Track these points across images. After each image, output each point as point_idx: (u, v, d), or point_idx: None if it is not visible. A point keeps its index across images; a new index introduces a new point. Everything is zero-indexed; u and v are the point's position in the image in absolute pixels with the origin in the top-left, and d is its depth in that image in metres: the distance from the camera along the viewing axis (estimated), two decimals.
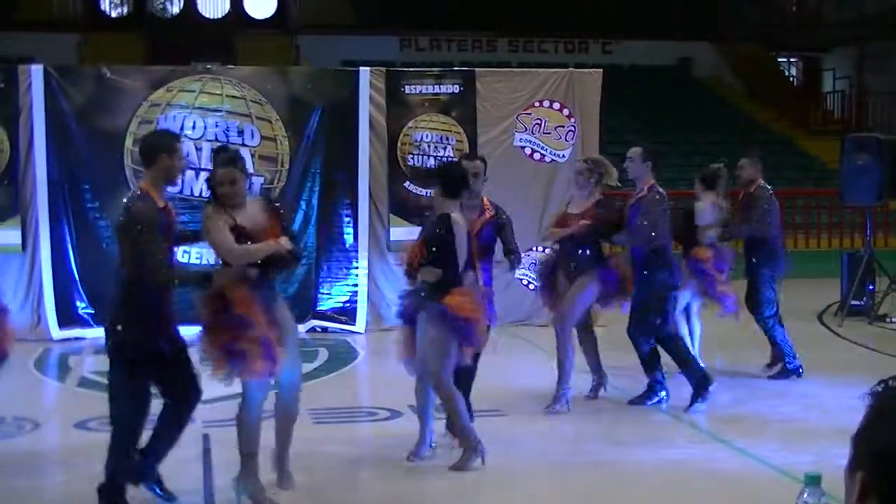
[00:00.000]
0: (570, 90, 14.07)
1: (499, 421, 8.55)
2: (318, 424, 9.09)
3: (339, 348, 12.70)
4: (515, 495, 7.34)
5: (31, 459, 7.90)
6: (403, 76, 14.20)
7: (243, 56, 27.90)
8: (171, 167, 6.96)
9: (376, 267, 13.76)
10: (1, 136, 13.03)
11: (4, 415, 8.35)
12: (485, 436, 7.88)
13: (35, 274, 13.07)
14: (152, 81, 13.49)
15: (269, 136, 13.53)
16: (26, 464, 7.83)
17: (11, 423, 8.28)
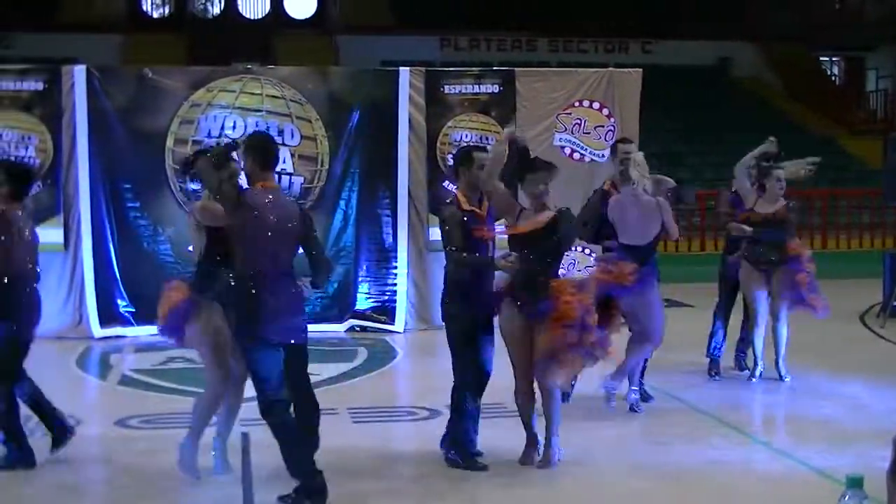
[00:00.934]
0: (609, 90, 14.04)
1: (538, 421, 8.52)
2: (357, 423, 9.11)
3: (378, 348, 12.72)
4: (554, 495, 7.32)
5: (73, 456, 7.95)
6: (443, 76, 14.21)
7: (283, 56, 28.01)
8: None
9: (415, 266, 13.77)
10: (44, 136, 13.14)
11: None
12: (522, 436, 7.87)
13: (77, 273, 13.18)
14: (193, 82, 13.56)
15: (309, 135, 13.57)
16: (69, 460, 7.88)
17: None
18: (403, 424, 9.37)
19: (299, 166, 13.53)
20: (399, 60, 18.42)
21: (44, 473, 7.63)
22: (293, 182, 13.52)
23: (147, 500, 6.94)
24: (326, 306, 13.76)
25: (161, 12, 33.51)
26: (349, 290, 13.82)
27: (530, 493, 7.32)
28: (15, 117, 13.14)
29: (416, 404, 9.48)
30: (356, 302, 13.84)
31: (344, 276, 13.79)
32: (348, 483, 7.36)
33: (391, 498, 7.23)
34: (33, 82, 13.29)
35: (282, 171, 13.40)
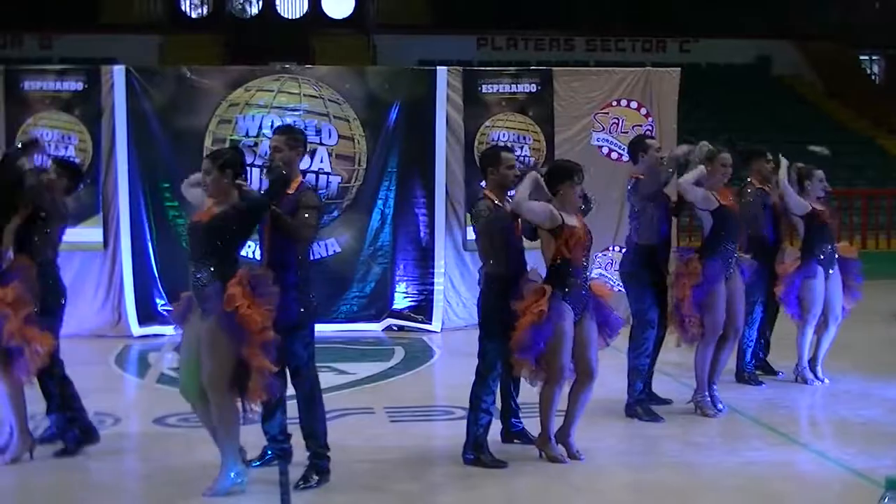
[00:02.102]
0: (647, 89, 13.99)
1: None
2: (394, 423, 9.12)
3: (415, 347, 12.73)
4: (592, 495, 7.30)
5: (112, 454, 8.00)
6: (480, 75, 14.20)
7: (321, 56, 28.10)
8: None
9: (453, 266, 13.78)
10: (84, 136, 13.23)
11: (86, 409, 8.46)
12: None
13: (116, 272, 13.25)
14: (231, 81, 13.62)
15: (347, 135, 13.60)
16: (107, 458, 7.93)
17: (93, 418, 8.37)
18: (440, 424, 9.37)
19: (337, 166, 13.56)
20: (436, 60, 18.45)
21: (81, 470, 7.68)
22: (330, 181, 13.55)
23: (184, 499, 6.96)
24: (364, 306, 13.79)
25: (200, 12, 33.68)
26: (386, 289, 13.84)
27: (567, 489, 7.30)
28: (56, 117, 13.24)
29: (453, 404, 9.46)
30: (393, 301, 13.86)
31: (381, 275, 13.82)
32: (385, 482, 7.37)
33: (428, 497, 7.23)
34: (73, 82, 13.38)
35: (319, 170, 13.45)
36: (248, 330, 6.70)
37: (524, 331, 7.50)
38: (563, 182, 7.82)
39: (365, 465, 7.74)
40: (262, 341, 6.74)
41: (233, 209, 6.91)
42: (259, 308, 6.74)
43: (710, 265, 9.02)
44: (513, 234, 7.81)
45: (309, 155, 13.37)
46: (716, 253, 9.07)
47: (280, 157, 7.25)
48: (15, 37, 30.03)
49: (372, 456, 7.97)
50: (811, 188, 10.24)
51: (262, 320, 6.73)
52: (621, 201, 13.71)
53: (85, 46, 28.27)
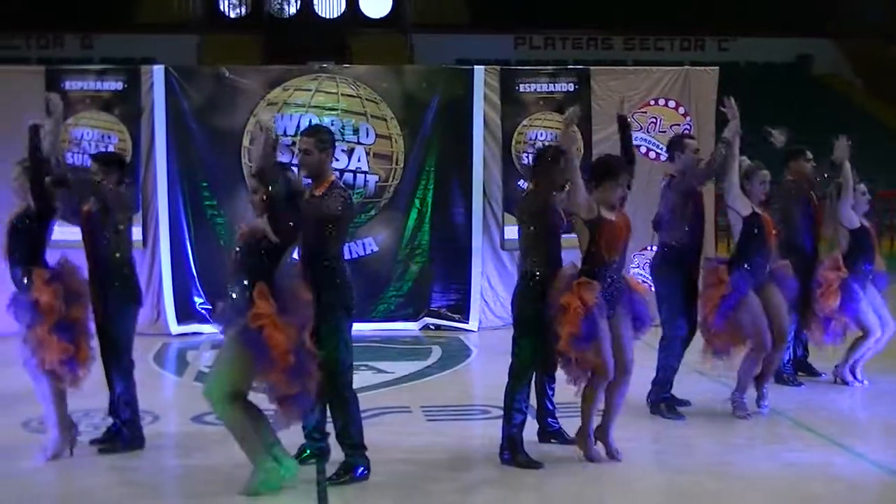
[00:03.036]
0: (685, 88, 13.94)
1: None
2: (431, 422, 9.13)
3: (453, 346, 12.73)
4: (627, 496, 7.28)
5: (151, 451, 8.05)
6: (518, 74, 14.20)
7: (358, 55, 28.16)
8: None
9: (490, 265, 13.78)
10: (123, 135, 13.32)
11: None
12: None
13: (155, 270, 13.34)
14: (269, 81, 13.67)
15: (384, 134, 13.62)
16: (146, 455, 7.98)
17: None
18: (477, 423, 9.36)
19: (374, 165, 13.58)
20: (473, 59, 18.46)
21: (119, 467, 7.73)
22: (368, 180, 13.57)
23: (223, 497, 6.99)
24: (401, 305, 13.81)
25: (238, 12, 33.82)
26: (424, 288, 13.86)
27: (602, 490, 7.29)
28: (96, 117, 13.35)
29: (490, 403, 9.44)
30: (431, 300, 13.87)
31: (418, 274, 13.83)
32: (421, 481, 7.38)
33: (464, 496, 7.23)
34: (113, 82, 13.48)
35: (356, 169, 13.48)
36: (271, 351, 6.65)
37: (575, 324, 7.42)
38: (607, 180, 7.71)
39: (401, 465, 7.75)
40: (286, 366, 6.68)
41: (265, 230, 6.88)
42: (286, 329, 6.68)
43: (738, 274, 8.88)
44: (558, 232, 7.73)
45: (347, 154, 13.42)
46: (744, 261, 8.94)
47: (310, 159, 7.26)
48: (56, 37, 30.26)
49: (408, 455, 7.98)
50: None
51: (286, 343, 6.65)
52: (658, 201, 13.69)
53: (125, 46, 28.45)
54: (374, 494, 7.11)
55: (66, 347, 7.61)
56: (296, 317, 6.76)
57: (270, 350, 6.64)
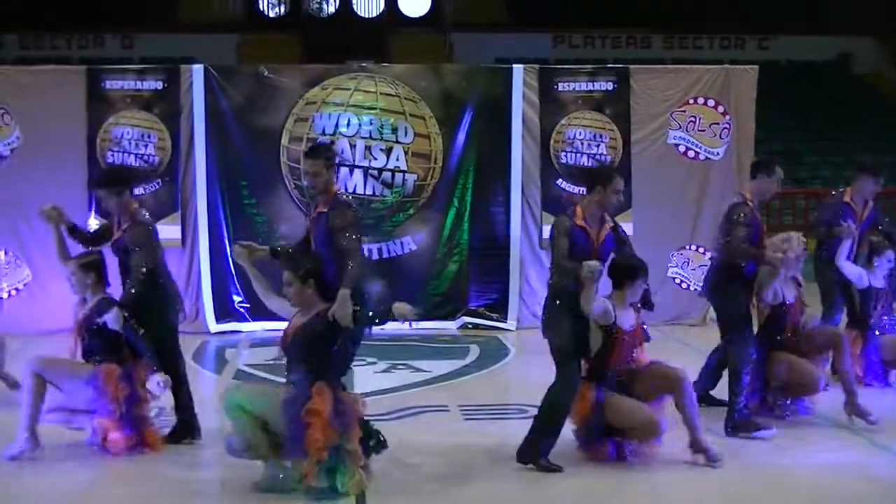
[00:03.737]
0: (725, 87, 13.87)
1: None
2: (468, 420, 9.12)
3: (490, 345, 12.72)
4: (667, 496, 7.26)
5: (189, 449, 8.08)
6: (557, 73, 14.17)
7: (397, 54, 28.13)
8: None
9: (528, 264, 13.76)
10: (163, 134, 13.39)
11: (164, 405, 8.55)
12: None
13: (194, 269, 13.40)
14: (308, 80, 13.71)
15: (423, 133, 13.63)
16: (184, 452, 8.01)
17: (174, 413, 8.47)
18: (515, 422, 9.32)
19: (413, 164, 13.59)
20: (512, 58, 18.43)
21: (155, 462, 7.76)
22: (406, 179, 13.59)
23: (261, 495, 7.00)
24: (439, 303, 13.81)
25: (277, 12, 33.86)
26: (462, 287, 13.85)
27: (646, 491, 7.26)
28: (136, 116, 13.42)
29: (528, 402, 9.42)
30: (469, 299, 13.87)
31: (457, 273, 13.84)
32: (459, 480, 7.37)
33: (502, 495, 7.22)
34: (153, 81, 13.55)
35: (395, 168, 13.49)
36: (307, 446, 6.76)
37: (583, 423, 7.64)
38: (629, 281, 7.67)
39: (439, 463, 7.74)
40: (318, 460, 6.76)
41: (317, 318, 6.95)
42: (329, 432, 6.76)
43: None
44: (586, 255, 7.59)
45: (385, 153, 13.45)
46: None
47: (321, 180, 7.42)
48: (97, 37, 30.43)
49: (446, 454, 7.97)
50: (878, 266, 9.98)
51: (324, 444, 6.75)
52: (698, 200, 13.65)
53: (165, 46, 28.56)
54: (413, 493, 7.11)
55: (129, 438, 7.86)
56: (341, 423, 6.83)
57: (306, 445, 6.76)
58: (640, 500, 7.20)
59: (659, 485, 7.39)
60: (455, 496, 7.10)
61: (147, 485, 7.31)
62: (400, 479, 7.32)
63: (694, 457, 7.67)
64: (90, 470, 7.65)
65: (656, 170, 13.67)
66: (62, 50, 29.91)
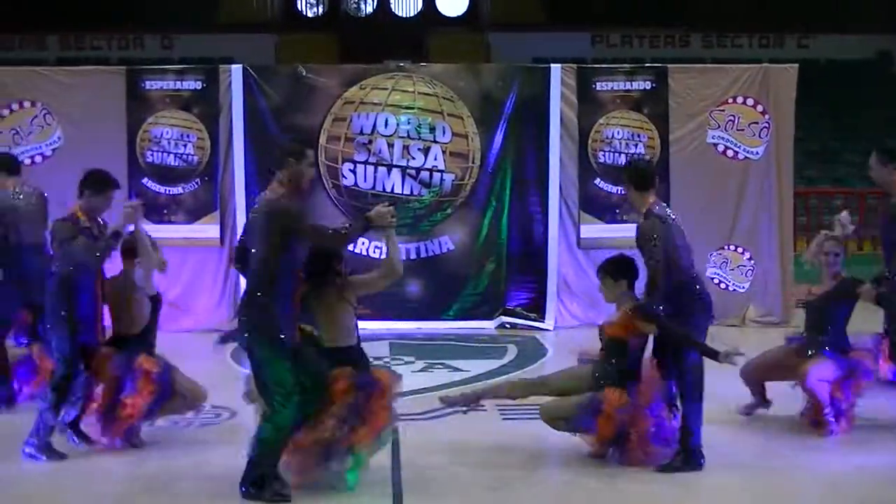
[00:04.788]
0: (764, 86, 13.79)
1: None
2: (506, 420, 9.11)
3: (528, 345, 12.71)
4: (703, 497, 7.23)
5: (228, 447, 8.10)
6: (595, 73, 14.14)
7: (435, 54, 28.20)
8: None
9: (566, 264, 13.73)
10: (202, 134, 13.46)
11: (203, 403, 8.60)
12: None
13: (232, 268, 13.44)
14: (346, 80, 13.74)
15: (461, 132, 13.62)
16: (222, 450, 8.04)
17: (210, 411, 8.53)
18: None
19: (450, 163, 13.59)
20: (550, 57, 18.37)
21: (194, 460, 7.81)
22: (444, 179, 13.58)
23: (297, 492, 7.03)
24: (477, 303, 13.80)
25: (315, 12, 33.98)
26: (500, 286, 13.84)
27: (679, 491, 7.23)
28: (175, 116, 13.50)
29: None
30: (506, 299, 13.85)
31: (494, 272, 13.82)
32: (496, 480, 7.37)
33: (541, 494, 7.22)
34: (192, 82, 13.63)
35: (433, 168, 13.49)
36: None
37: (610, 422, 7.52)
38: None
39: (477, 463, 7.75)
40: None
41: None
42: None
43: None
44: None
45: (423, 152, 13.44)
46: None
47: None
48: (137, 38, 30.66)
49: (484, 453, 7.98)
50: None
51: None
52: (736, 200, 13.60)
53: (203, 46, 28.73)
54: (451, 492, 7.11)
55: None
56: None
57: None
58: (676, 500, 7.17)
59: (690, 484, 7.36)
60: (493, 495, 7.10)
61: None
62: (437, 479, 7.33)
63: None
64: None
65: (694, 169, 13.61)
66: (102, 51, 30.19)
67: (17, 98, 13.43)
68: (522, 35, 30.17)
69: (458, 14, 33.80)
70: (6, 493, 7.24)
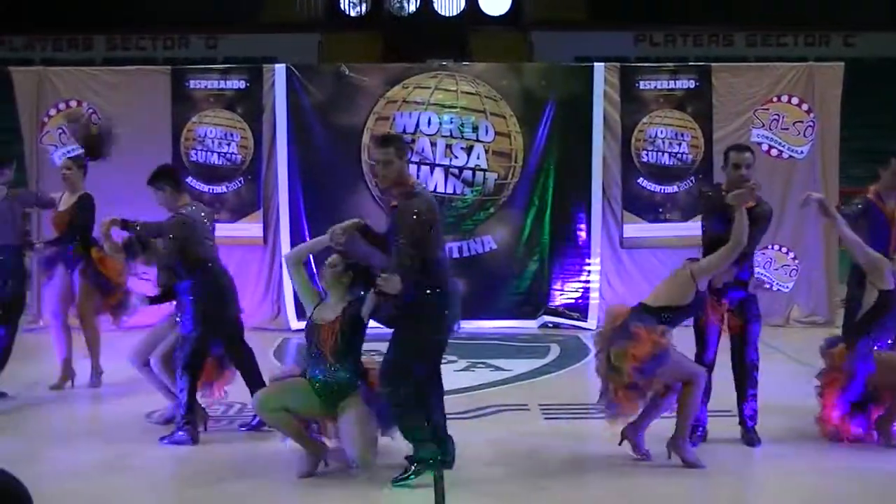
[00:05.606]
0: (809, 85, 13.70)
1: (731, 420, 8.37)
2: (548, 420, 9.10)
3: (571, 345, 12.68)
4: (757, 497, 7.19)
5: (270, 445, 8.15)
6: (638, 72, 14.10)
7: (478, 53, 28.17)
8: None
9: (609, 263, 13.70)
10: (246, 133, 13.53)
11: (246, 400, 8.64)
12: (717, 433, 7.77)
13: (275, 267, 13.51)
14: (389, 79, 13.76)
15: (503, 131, 13.62)
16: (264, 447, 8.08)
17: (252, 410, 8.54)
18: (595, 422, 9.28)
19: (493, 162, 13.59)
20: (593, 56, 18.37)
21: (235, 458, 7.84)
22: (487, 178, 13.58)
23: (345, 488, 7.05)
24: (519, 302, 13.80)
25: (358, 11, 34.04)
26: (542, 286, 13.82)
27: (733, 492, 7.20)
28: (219, 115, 13.58)
29: None
30: (549, 298, 13.84)
31: (537, 272, 13.81)
32: (539, 480, 7.35)
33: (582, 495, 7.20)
34: (236, 81, 13.70)
35: (476, 167, 13.50)
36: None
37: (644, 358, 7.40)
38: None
39: (519, 462, 7.74)
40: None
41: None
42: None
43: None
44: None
45: (466, 151, 13.46)
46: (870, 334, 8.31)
47: (392, 169, 7.17)
48: (182, 38, 30.84)
49: (526, 453, 7.96)
50: None
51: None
52: (781, 199, 13.48)
53: (247, 46, 28.87)
54: (492, 492, 7.10)
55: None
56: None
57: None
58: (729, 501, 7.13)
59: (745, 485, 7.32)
60: (535, 495, 7.08)
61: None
62: (479, 478, 7.32)
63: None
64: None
65: None
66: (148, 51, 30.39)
67: (65, 98, 13.57)
68: (565, 34, 30.09)
69: (501, 13, 33.76)
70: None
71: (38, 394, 9.97)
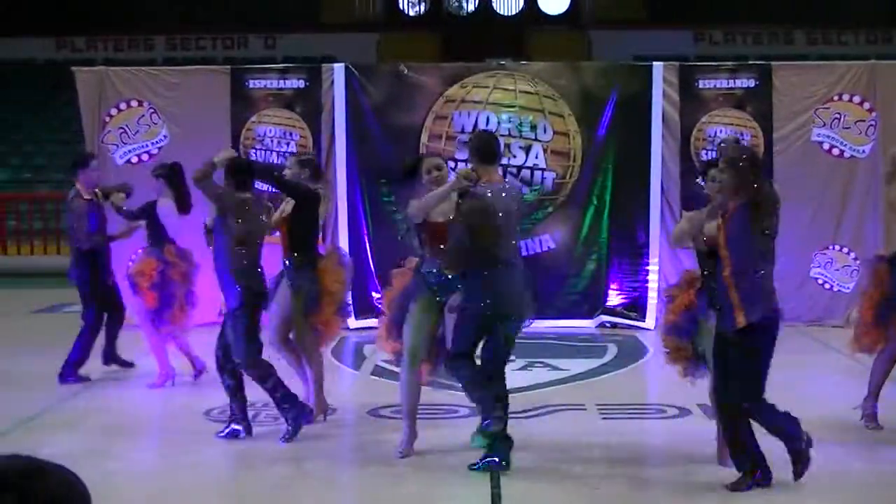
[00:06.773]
0: (871, 83, 13.55)
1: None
2: (606, 420, 9.08)
3: (628, 344, 12.64)
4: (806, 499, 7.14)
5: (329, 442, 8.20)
6: (697, 71, 14.02)
7: (536, 52, 28.14)
8: None
9: (667, 263, 13.63)
10: (305, 132, 13.59)
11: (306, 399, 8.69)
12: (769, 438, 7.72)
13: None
14: (447, 78, 13.78)
15: (562, 131, 13.59)
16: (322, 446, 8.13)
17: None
18: (653, 422, 9.28)
19: (552, 161, 13.57)
20: (652, 55, 18.27)
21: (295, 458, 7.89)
22: (545, 177, 13.57)
23: (400, 487, 7.09)
24: (576, 302, 13.76)
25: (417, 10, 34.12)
26: (600, 286, 13.78)
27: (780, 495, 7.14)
28: (278, 114, 13.65)
29: (666, 402, 9.37)
30: (607, 298, 13.80)
31: (595, 271, 13.77)
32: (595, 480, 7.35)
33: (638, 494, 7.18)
34: (295, 80, 13.78)
35: (534, 166, 13.49)
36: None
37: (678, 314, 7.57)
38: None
39: (577, 463, 7.73)
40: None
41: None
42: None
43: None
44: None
45: (524, 150, 13.45)
46: None
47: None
48: (241, 38, 31.07)
49: (584, 453, 7.96)
50: None
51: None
52: (842, 199, 13.38)
53: (306, 45, 29.03)
54: (550, 492, 7.11)
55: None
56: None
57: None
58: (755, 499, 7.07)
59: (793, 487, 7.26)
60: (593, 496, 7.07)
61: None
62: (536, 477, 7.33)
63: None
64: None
65: (799, 168, 13.42)
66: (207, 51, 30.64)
67: (125, 98, 13.70)
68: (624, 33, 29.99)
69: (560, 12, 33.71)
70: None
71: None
